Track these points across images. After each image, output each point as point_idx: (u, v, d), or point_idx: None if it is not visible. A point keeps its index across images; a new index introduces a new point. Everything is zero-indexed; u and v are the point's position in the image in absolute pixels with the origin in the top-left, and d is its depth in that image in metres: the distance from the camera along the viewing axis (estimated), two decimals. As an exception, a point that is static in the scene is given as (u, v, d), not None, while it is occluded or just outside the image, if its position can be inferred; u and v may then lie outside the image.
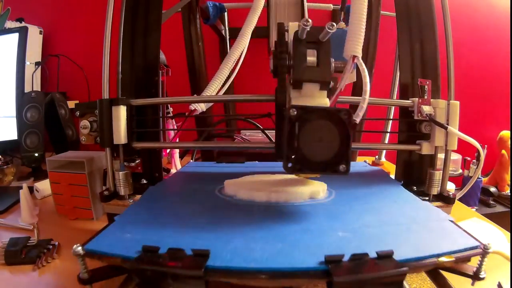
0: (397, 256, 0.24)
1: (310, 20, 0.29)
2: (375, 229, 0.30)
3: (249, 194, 0.38)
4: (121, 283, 0.27)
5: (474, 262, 0.27)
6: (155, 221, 0.33)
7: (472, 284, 0.27)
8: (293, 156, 0.28)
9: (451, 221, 0.32)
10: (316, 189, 0.39)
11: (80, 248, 0.26)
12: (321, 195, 0.39)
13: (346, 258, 0.23)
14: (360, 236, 0.29)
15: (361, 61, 0.31)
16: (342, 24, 0.58)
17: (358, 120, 0.30)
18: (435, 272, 0.29)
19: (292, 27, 0.33)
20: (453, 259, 0.26)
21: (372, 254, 0.24)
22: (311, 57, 0.31)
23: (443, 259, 0.25)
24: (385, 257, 0.24)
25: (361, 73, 0.31)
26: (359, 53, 0.31)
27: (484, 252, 0.26)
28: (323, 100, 0.32)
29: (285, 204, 0.36)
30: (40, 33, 1.11)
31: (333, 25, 0.29)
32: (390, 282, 0.23)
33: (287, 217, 0.33)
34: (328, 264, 0.23)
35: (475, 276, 0.27)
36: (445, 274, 0.28)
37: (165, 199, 0.41)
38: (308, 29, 0.30)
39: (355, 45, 0.31)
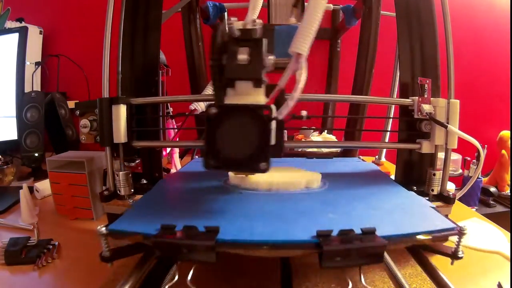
0: (379, 233, 0.27)
1: (234, 18, 0.29)
2: (362, 211, 0.35)
3: (252, 183, 0.42)
4: (139, 260, 0.30)
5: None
6: (168, 207, 0.38)
7: (451, 263, 0.30)
8: (210, 154, 0.29)
9: (432, 207, 0.36)
10: (311, 179, 0.43)
11: (103, 228, 0.28)
12: (315, 185, 0.43)
13: (334, 233, 0.27)
14: (347, 217, 0.33)
15: (303, 59, 0.31)
16: (292, 20, 0.58)
17: (280, 117, 0.30)
18: (417, 252, 0.33)
19: (237, 26, 0.32)
20: (430, 237, 0.29)
21: (358, 231, 0.27)
22: (242, 55, 0.30)
23: (421, 237, 0.29)
24: (369, 232, 0.27)
25: (298, 71, 0.31)
26: (304, 51, 0.30)
27: (460, 233, 0.29)
28: (258, 98, 0.31)
29: (284, 192, 0.41)
30: (40, 33, 1.11)
31: (255, 21, 0.29)
32: (373, 253, 0.26)
33: (285, 202, 0.37)
34: (319, 238, 0.27)
35: (454, 256, 0.30)
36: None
37: (175, 190, 0.45)
38: (235, 27, 0.30)
39: (301, 43, 0.30)
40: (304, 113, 0.36)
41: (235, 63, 0.30)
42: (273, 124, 0.30)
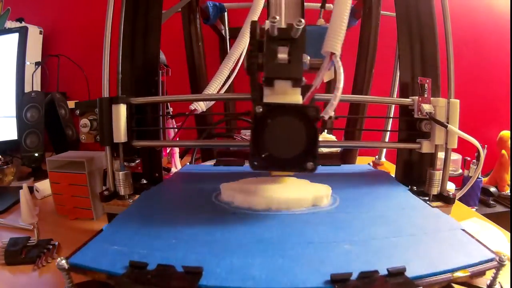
0: (409, 273, 0.22)
1: (277, 17, 0.29)
2: (384, 241, 0.28)
3: (247, 201, 0.36)
4: None
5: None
6: (145, 231, 0.31)
7: None
8: (257, 154, 0.28)
9: (463, 230, 0.31)
10: (319, 195, 0.37)
11: (64, 261, 0.25)
12: (324, 202, 0.37)
13: (354, 276, 0.22)
14: (368, 249, 0.27)
15: (338, 58, 0.31)
16: (321, 21, 0.58)
17: (326, 117, 0.30)
18: (447, 286, 0.27)
19: (267, 26, 0.32)
20: (469, 273, 0.24)
21: (382, 271, 0.22)
22: (282, 54, 0.30)
23: (458, 274, 0.24)
24: (397, 274, 0.22)
25: (336, 70, 0.30)
26: (337, 50, 0.30)
27: (499, 264, 0.25)
28: (295, 97, 0.31)
29: (286, 213, 0.34)
30: (40, 33, 1.11)
31: (301, 21, 0.28)
32: None
33: (289, 228, 0.31)
34: (334, 284, 0.21)
35: None
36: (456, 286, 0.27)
37: (158, 206, 0.39)
38: (278, 26, 0.29)
39: (334, 42, 0.31)
40: (332, 113, 0.36)
41: (275, 62, 0.30)
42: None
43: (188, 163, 0.69)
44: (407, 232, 0.30)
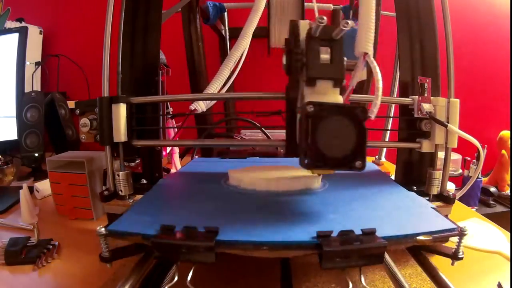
0: (380, 233, 0.27)
1: (325, 18, 0.29)
2: (362, 212, 0.35)
3: (251, 183, 0.42)
4: (139, 260, 0.30)
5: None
6: (167, 207, 0.37)
7: (452, 264, 0.30)
8: (309, 153, 0.28)
9: (433, 208, 0.35)
10: (311, 179, 0.42)
11: (103, 228, 0.28)
12: (316, 185, 0.43)
13: (335, 234, 0.27)
14: (348, 218, 0.33)
15: (372, 58, 0.31)
16: (352, 23, 0.58)
17: (373, 117, 0.30)
18: (417, 253, 0.33)
19: (303, 25, 0.33)
20: (431, 237, 0.29)
21: (358, 232, 0.27)
22: (325, 55, 0.31)
23: (421, 237, 0.28)
24: (369, 233, 0.27)
25: (373, 70, 0.31)
26: (370, 50, 0.31)
27: (460, 233, 0.29)
28: (336, 97, 0.32)
29: (284, 192, 0.40)
30: (40, 33, 1.11)
31: (348, 23, 0.28)
32: (373, 254, 0.26)
33: (285, 203, 0.37)
34: (319, 238, 0.26)
35: (454, 256, 0.30)
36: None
37: (175, 189, 0.45)
38: (322, 27, 0.30)
39: (366, 43, 0.31)
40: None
41: (318, 62, 0.30)
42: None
43: (196, 157, 0.71)
44: (382, 207, 0.36)
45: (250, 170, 0.46)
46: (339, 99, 0.32)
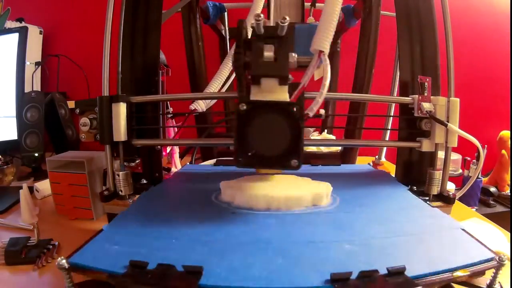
0: (409, 272, 0.22)
1: (261, 15, 0.29)
2: (384, 240, 0.28)
3: (247, 200, 0.35)
4: None
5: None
6: (145, 231, 0.31)
7: None
8: (242, 151, 0.28)
9: (463, 229, 0.31)
10: (319, 194, 0.36)
11: (64, 261, 0.25)
12: (324, 202, 0.37)
13: (353, 276, 0.22)
14: (368, 249, 0.27)
15: (326, 56, 0.31)
16: (311, 19, 0.57)
17: (311, 114, 0.29)
18: (447, 286, 0.27)
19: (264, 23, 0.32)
20: (468, 273, 0.24)
21: (382, 270, 0.22)
22: (268, 52, 0.30)
23: (458, 273, 0.24)
24: (397, 273, 0.22)
25: (324, 68, 0.30)
26: (325, 48, 0.31)
27: (499, 264, 0.25)
28: (282, 95, 0.31)
29: (286, 213, 0.34)
30: (40, 33, 1.11)
31: (285, 19, 0.28)
32: None
33: (289, 227, 0.31)
34: (334, 283, 0.21)
35: None
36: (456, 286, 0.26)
37: (158, 206, 0.39)
38: (262, 24, 0.30)
39: (323, 40, 0.31)
40: (322, 111, 0.35)
41: (261, 60, 0.30)
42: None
43: (188, 163, 0.69)
44: (406, 231, 0.30)
45: (246, 182, 0.39)
46: (286, 97, 0.31)
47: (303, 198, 0.36)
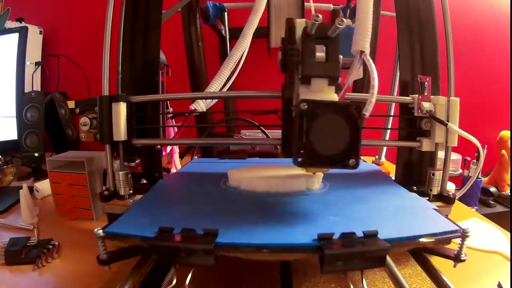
0: (382, 236, 0.27)
1: (320, 15, 0.29)
2: (363, 214, 0.34)
3: (251, 184, 0.41)
4: (137, 262, 0.30)
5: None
6: (166, 209, 0.36)
7: (454, 266, 0.30)
8: (303, 151, 0.28)
9: (435, 209, 0.35)
10: (312, 180, 0.41)
11: (100, 230, 0.28)
12: (316, 186, 0.42)
13: (336, 237, 0.26)
14: (349, 219, 0.32)
15: (368, 56, 0.31)
16: (348, 21, 0.57)
17: (367, 115, 0.30)
18: (420, 255, 0.32)
19: (299, 23, 0.32)
20: (433, 240, 0.28)
21: (359, 234, 0.27)
22: (320, 53, 0.31)
23: (423, 240, 0.28)
24: (371, 236, 0.27)
25: (369, 68, 0.31)
26: (366, 48, 0.31)
27: (463, 235, 0.28)
28: (331, 96, 0.32)
29: (284, 193, 0.40)
30: (40, 33, 1.11)
31: (343, 21, 0.28)
32: (375, 257, 0.26)
33: (285, 205, 0.37)
34: (320, 241, 0.26)
35: (456, 258, 0.29)
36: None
37: (174, 191, 0.44)
38: (318, 25, 0.30)
39: (363, 41, 0.31)
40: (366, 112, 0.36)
41: (314, 60, 0.30)
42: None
43: (196, 157, 0.71)
44: (385, 209, 0.36)
45: (250, 170, 0.45)
46: (334, 97, 0.32)
47: (297, 180, 0.41)
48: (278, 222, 0.31)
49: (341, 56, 0.32)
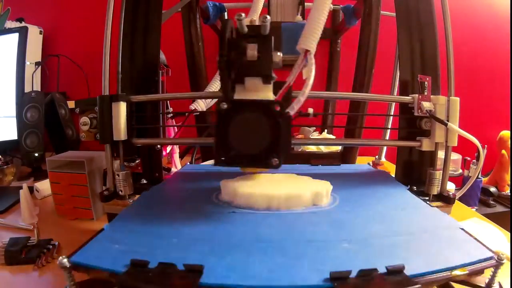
0: (408, 271, 0.23)
1: (243, 14, 0.29)
2: (383, 239, 0.29)
3: (247, 200, 0.35)
4: None
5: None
6: (146, 230, 0.31)
7: None
8: (223, 150, 0.28)
9: (462, 229, 0.31)
10: (319, 193, 0.37)
11: (66, 260, 0.25)
12: (324, 201, 0.37)
13: (353, 274, 0.22)
14: (367, 248, 0.27)
15: (312, 56, 0.31)
16: (299, 18, 0.57)
17: (292, 113, 0.29)
18: (445, 285, 0.27)
19: (246, 22, 0.32)
20: (467, 272, 0.24)
21: (381, 269, 0.23)
22: (251, 51, 0.30)
23: (456, 272, 0.24)
24: (396, 272, 0.22)
25: (308, 67, 0.30)
26: (312, 47, 0.30)
27: (498, 263, 0.25)
28: (267, 94, 0.31)
29: (287, 212, 0.34)
30: (40, 33, 1.11)
31: (266, 17, 0.29)
32: None
33: (289, 227, 0.31)
34: (333, 282, 0.21)
35: None
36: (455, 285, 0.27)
37: (158, 205, 0.39)
38: (245, 23, 0.30)
39: (309, 40, 0.30)
40: (310, 110, 0.36)
41: (245, 59, 0.30)
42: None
43: (188, 163, 0.69)
44: (406, 231, 0.31)
45: (246, 180, 0.39)
46: (270, 96, 0.31)
47: (303, 197, 0.36)
48: (279, 252, 0.26)
49: (280, 54, 0.31)
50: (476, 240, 0.29)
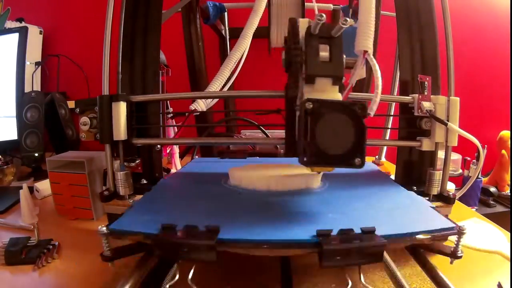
0: (379, 232, 0.28)
1: (324, 15, 0.29)
2: (362, 211, 0.35)
3: (251, 183, 0.42)
4: (140, 259, 0.31)
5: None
6: (168, 207, 0.38)
7: (451, 262, 0.31)
8: (308, 150, 0.28)
9: (432, 207, 0.36)
10: (311, 178, 0.42)
11: (104, 228, 0.29)
12: (316, 185, 0.43)
13: (334, 233, 0.27)
14: (347, 217, 0.33)
15: (372, 56, 0.31)
16: (351, 21, 0.57)
17: (372, 114, 0.31)
18: (417, 252, 0.33)
19: (303, 22, 0.33)
20: (430, 236, 0.29)
21: (357, 230, 0.28)
22: (324, 52, 0.31)
23: (420, 236, 0.29)
24: (368, 232, 0.28)
25: (372, 67, 0.31)
26: (370, 48, 0.31)
27: (459, 232, 0.29)
28: (335, 95, 0.32)
29: (284, 191, 0.41)
30: (40, 33, 1.11)
31: (347, 20, 0.28)
32: (372, 252, 0.27)
33: (285, 202, 0.38)
34: (319, 237, 0.27)
35: (453, 255, 0.30)
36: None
37: (175, 190, 0.45)
38: (321, 24, 0.30)
39: (366, 40, 0.31)
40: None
41: (318, 60, 0.30)
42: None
43: (196, 157, 0.71)
44: (383, 207, 0.37)
45: (250, 169, 0.46)
46: (338, 97, 0.32)
47: (297, 178, 0.42)
48: (278, 219, 0.32)
49: (344, 56, 0.32)
50: (443, 216, 0.33)
